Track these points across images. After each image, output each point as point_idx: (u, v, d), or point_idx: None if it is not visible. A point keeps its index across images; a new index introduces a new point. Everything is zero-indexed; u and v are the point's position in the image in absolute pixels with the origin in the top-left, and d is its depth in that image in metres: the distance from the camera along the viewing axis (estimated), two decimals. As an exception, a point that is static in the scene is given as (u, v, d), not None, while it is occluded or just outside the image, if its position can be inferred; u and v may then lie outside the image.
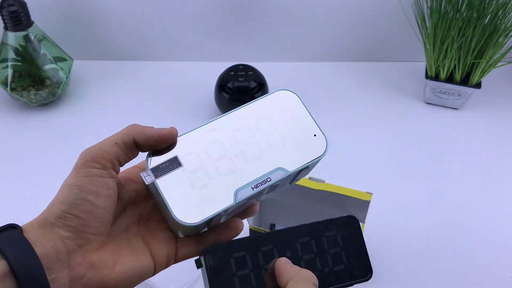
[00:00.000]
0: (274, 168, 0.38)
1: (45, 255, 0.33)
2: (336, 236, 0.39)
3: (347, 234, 0.39)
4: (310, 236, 0.38)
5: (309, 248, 0.38)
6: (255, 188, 0.37)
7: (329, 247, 0.39)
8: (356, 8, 0.94)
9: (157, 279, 0.61)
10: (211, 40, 0.99)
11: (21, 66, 0.86)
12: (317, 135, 0.44)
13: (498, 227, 0.71)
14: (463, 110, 0.91)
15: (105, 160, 0.36)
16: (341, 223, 0.39)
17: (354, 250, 0.39)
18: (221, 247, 0.37)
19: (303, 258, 0.38)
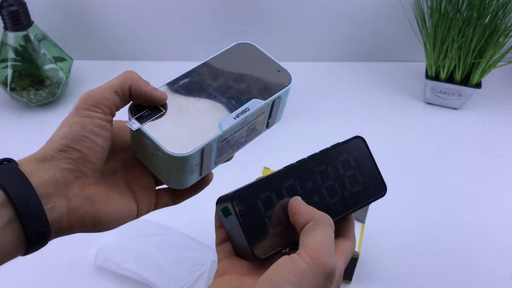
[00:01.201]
0: (251, 100, 0.41)
1: (42, 185, 0.35)
2: (349, 158, 0.41)
3: (358, 155, 0.41)
4: (326, 163, 0.40)
5: (326, 175, 0.40)
6: (236, 117, 0.40)
7: (345, 171, 0.40)
8: (356, 8, 0.94)
9: (157, 279, 0.61)
10: (211, 40, 0.99)
11: (21, 66, 0.85)
12: (280, 70, 0.48)
13: (498, 227, 0.71)
14: (463, 110, 0.91)
15: (105, 106, 0.38)
16: (349, 145, 0.42)
17: (367, 169, 0.41)
18: (245, 191, 0.38)
19: (323, 186, 0.40)
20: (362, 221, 0.63)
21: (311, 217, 0.36)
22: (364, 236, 0.66)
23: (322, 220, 0.36)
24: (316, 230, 0.35)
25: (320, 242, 0.34)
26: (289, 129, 0.87)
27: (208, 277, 0.60)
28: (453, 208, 0.74)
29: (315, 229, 0.35)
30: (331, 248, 0.34)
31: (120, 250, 0.63)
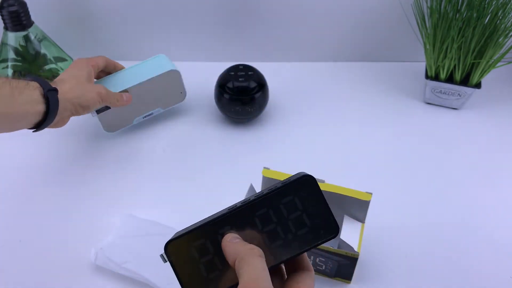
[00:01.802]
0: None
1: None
2: (294, 199, 0.38)
3: (305, 195, 0.38)
4: (267, 207, 0.37)
5: (268, 219, 0.37)
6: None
7: (289, 213, 0.37)
8: (356, 8, 0.94)
9: (157, 279, 0.61)
10: (211, 40, 0.99)
11: (21, 66, 0.86)
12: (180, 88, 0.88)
13: (498, 227, 0.71)
14: (463, 110, 0.91)
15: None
16: (296, 185, 0.38)
17: (315, 210, 0.38)
18: (180, 240, 0.38)
19: (264, 230, 0.37)
20: (362, 221, 0.63)
21: (235, 255, 0.35)
22: (364, 236, 0.66)
23: (246, 256, 0.35)
24: (243, 267, 0.34)
25: (248, 278, 0.34)
26: (289, 129, 0.87)
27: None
28: (453, 208, 0.74)
29: (242, 267, 0.35)
30: (261, 279, 0.34)
31: (120, 250, 0.64)
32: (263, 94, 0.84)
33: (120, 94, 0.78)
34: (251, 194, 0.39)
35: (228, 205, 0.39)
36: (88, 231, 0.69)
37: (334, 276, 0.64)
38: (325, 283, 0.65)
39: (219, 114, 0.89)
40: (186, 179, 0.78)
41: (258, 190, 0.65)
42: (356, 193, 0.62)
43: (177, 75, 0.84)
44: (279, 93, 0.92)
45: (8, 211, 0.73)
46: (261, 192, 0.38)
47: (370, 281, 0.64)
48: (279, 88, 0.93)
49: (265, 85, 0.85)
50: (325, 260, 0.62)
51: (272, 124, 0.88)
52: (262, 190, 0.39)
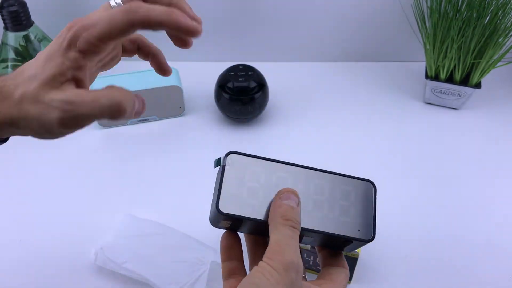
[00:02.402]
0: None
1: None
2: (351, 191, 0.41)
3: (362, 194, 0.41)
4: (327, 182, 0.40)
5: (322, 191, 0.40)
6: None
7: (341, 198, 0.40)
8: (356, 8, 0.94)
9: (157, 279, 0.61)
10: (211, 40, 0.99)
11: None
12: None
13: (498, 227, 0.71)
14: (463, 110, 0.91)
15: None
16: (360, 183, 0.42)
17: (364, 210, 0.41)
18: (245, 156, 0.40)
19: (312, 196, 0.40)
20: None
21: (274, 216, 0.37)
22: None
23: (279, 224, 0.37)
24: (274, 232, 0.37)
25: (275, 241, 0.36)
26: (289, 129, 0.87)
27: (208, 277, 0.60)
28: (453, 208, 0.74)
29: (272, 231, 0.37)
30: (286, 245, 0.36)
31: (120, 250, 0.64)
32: (263, 94, 0.84)
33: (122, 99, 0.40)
34: None
35: None
36: (88, 231, 0.69)
37: (334, 276, 0.64)
38: (325, 283, 0.65)
39: (219, 114, 0.89)
40: (186, 179, 0.78)
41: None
42: (356, 193, 0.62)
43: (179, 91, 0.85)
44: (279, 93, 0.92)
45: (8, 211, 0.73)
46: (329, 170, 0.41)
47: (370, 281, 0.64)
48: (279, 88, 0.93)
49: (265, 85, 0.85)
50: (325, 260, 0.62)
51: (272, 124, 0.88)
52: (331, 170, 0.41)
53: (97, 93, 0.37)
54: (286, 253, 0.35)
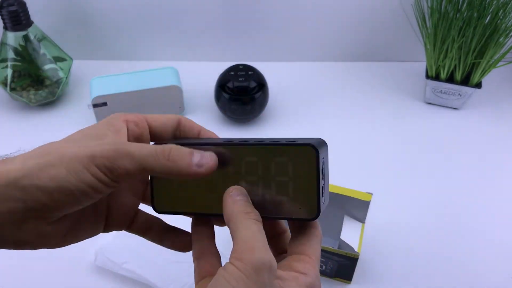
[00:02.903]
0: None
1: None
2: (287, 164, 0.34)
3: (301, 165, 0.34)
4: (259, 157, 0.35)
5: (254, 169, 0.35)
6: None
7: (276, 173, 0.34)
8: (356, 8, 0.94)
9: (157, 279, 0.61)
10: (211, 40, 0.99)
11: (20, 66, 0.85)
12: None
13: (498, 227, 0.71)
14: (463, 110, 0.91)
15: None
16: (297, 151, 0.34)
17: (304, 184, 0.34)
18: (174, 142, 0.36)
19: (246, 178, 0.35)
20: (362, 221, 0.63)
21: (231, 215, 0.33)
22: (364, 236, 0.66)
23: (240, 218, 0.33)
24: (238, 229, 0.32)
25: (243, 237, 0.32)
26: (289, 129, 0.87)
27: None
28: (453, 208, 0.74)
29: (235, 230, 0.32)
30: (255, 238, 0.31)
31: (120, 250, 0.63)
32: (263, 94, 0.84)
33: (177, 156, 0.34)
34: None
35: None
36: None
37: (334, 276, 0.64)
38: (325, 283, 0.64)
39: (219, 114, 0.89)
40: (186, 179, 0.77)
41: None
42: (356, 193, 0.62)
43: (179, 91, 0.85)
44: (279, 93, 0.92)
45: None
46: (262, 139, 0.36)
47: (370, 281, 0.64)
48: (279, 88, 0.93)
49: (265, 85, 0.85)
50: (325, 260, 0.62)
51: (272, 124, 0.88)
52: (264, 138, 0.36)
53: (141, 144, 0.33)
54: (256, 250, 0.31)
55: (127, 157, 0.31)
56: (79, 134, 0.35)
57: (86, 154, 0.31)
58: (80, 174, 0.31)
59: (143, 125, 0.37)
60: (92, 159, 0.31)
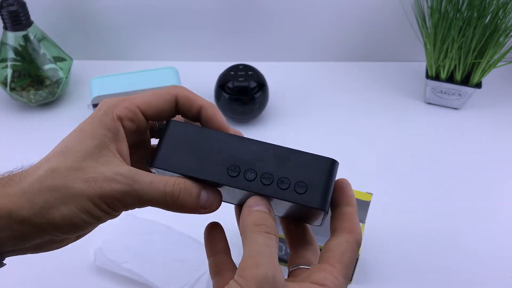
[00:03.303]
0: None
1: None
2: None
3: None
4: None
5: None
6: None
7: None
8: (356, 8, 0.94)
9: (157, 279, 0.61)
10: (211, 40, 0.99)
11: (20, 66, 0.85)
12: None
13: (498, 227, 0.71)
14: (463, 110, 0.91)
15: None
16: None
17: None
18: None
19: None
20: (362, 221, 0.63)
21: (243, 226, 0.32)
22: (364, 237, 0.66)
23: (250, 232, 0.32)
24: (246, 243, 0.31)
25: (248, 253, 0.31)
26: (289, 129, 0.87)
27: (208, 277, 0.60)
28: (453, 207, 0.74)
29: (244, 243, 0.32)
30: (262, 254, 0.30)
31: (120, 250, 0.63)
32: (263, 94, 0.84)
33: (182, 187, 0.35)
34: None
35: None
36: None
37: (334, 277, 0.64)
38: (325, 284, 0.64)
39: (219, 114, 0.88)
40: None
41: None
42: (356, 194, 0.62)
43: None
44: (279, 93, 0.92)
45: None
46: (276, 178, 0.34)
47: (370, 281, 0.64)
48: (279, 88, 0.92)
49: (265, 85, 0.85)
50: (325, 260, 0.62)
51: (272, 124, 0.88)
52: (274, 185, 0.35)
53: (155, 176, 0.33)
54: (260, 266, 0.29)
55: (137, 198, 0.32)
56: (76, 145, 0.33)
57: (96, 193, 0.31)
58: (92, 212, 0.32)
59: (138, 118, 0.35)
60: (102, 199, 0.32)
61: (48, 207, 0.31)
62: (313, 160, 0.34)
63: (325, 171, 0.34)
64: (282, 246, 0.63)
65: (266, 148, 0.35)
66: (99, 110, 0.35)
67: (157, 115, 0.36)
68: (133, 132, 0.35)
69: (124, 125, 0.34)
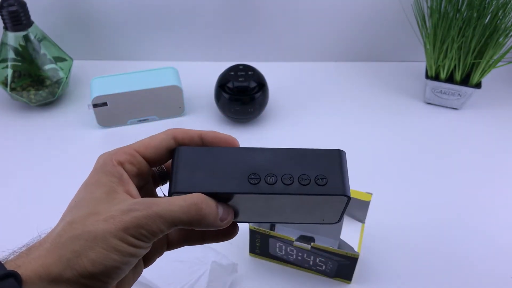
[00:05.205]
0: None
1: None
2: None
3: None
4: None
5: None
6: None
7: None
8: (356, 8, 0.94)
9: (157, 279, 0.61)
10: (211, 40, 0.99)
11: (21, 66, 0.85)
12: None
13: (498, 227, 0.71)
14: (463, 110, 0.91)
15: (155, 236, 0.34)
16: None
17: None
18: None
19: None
20: (362, 221, 0.63)
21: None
22: (364, 236, 0.66)
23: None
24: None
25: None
26: (289, 129, 0.87)
27: (208, 277, 0.60)
28: (453, 208, 0.74)
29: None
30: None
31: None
32: (263, 94, 0.84)
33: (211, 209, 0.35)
34: None
35: None
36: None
37: (334, 276, 0.64)
38: (325, 283, 0.65)
39: (219, 114, 0.89)
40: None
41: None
42: (356, 193, 0.62)
43: (179, 91, 0.85)
44: (279, 93, 0.92)
45: (8, 211, 0.73)
46: (289, 175, 0.36)
47: (370, 281, 0.64)
48: (279, 88, 0.93)
49: (265, 85, 0.85)
50: (325, 260, 0.62)
51: (272, 124, 0.88)
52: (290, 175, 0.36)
53: (172, 197, 0.33)
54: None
55: (159, 219, 0.31)
56: (87, 197, 0.33)
57: (118, 228, 0.30)
58: (120, 248, 0.30)
59: (138, 160, 0.35)
60: (126, 231, 0.30)
61: (76, 256, 0.30)
62: (324, 154, 0.37)
63: (337, 161, 0.37)
64: (282, 246, 0.63)
65: (277, 152, 0.36)
66: (97, 163, 0.35)
67: (156, 155, 0.36)
68: (135, 175, 0.35)
69: (125, 169, 0.34)
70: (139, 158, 0.35)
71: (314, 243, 0.60)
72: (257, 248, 0.66)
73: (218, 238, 0.38)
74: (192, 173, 0.35)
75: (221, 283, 0.62)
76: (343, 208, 0.37)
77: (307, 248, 0.61)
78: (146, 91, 0.83)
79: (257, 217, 0.38)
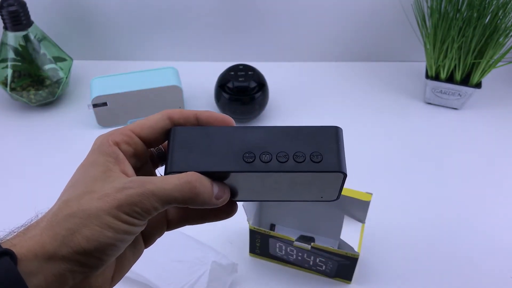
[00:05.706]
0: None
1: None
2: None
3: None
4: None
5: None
6: None
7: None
8: (356, 8, 0.94)
9: (157, 279, 0.61)
10: (211, 40, 0.99)
11: (20, 66, 0.85)
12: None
13: (498, 227, 0.71)
14: (463, 110, 0.91)
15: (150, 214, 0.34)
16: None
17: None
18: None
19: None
20: (362, 221, 0.63)
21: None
22: (364, 236, 0.66)
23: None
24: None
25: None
26: (289, 129, 0.87)
27: (208, 277, 0.60)
28: (453, 208, 0.74)
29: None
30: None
31: (120, 250, 0.63)
32: (263, 94, 0.84)
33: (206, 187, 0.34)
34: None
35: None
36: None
37: (334, 276, 0.64)
38: (325, 283, 0.64)
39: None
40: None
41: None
42: (356, 194, 0.62)
43: (179, 91, 0.85)
44: (279, 93, 0.92)
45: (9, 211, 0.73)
46: (285, 153, 0.35)
47: (370, 281, 0.64)
48: (279, 88, 0.93)
49: (265, 85, 0.85)
50: (325, 260, 0.62)
51: (272, 124, 0.88)
52: (286, 149, 0.36)
53: (166, 176, 0.33)
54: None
55: (153, 197, 0.31)
56: (83, 177, 0.34)
57: (112, 205, 0.31)
58: (114, 226, 0.31)
59: (134, 140, 0.35)
60: (120, 209, 0.31)
61: (70, 233, 0.30)
62: (319, 131, 0.36)
63: (333, 138, 0.37)
64: (282, 246, 0.63)
65: (272, 130, 0.36)
66: (95, 144, 0.35)
67: (152, 135, 0.36)
68: (132, 155, 0.35)
69: (122, 149, 0.35)
70: (135, 139, 0.35)
71: (314, 243, 0.60)
72: (257, 248, 0.66)
73: (218, 217, 0.38)
74: (187, 153, 0.35)
75: (221, 283, 0.62)
76: (340, 185, 0.37)
77: (307, 248, 0.61)
78: (146, 91, 0.83)
79: (255, 195, 0.38)
